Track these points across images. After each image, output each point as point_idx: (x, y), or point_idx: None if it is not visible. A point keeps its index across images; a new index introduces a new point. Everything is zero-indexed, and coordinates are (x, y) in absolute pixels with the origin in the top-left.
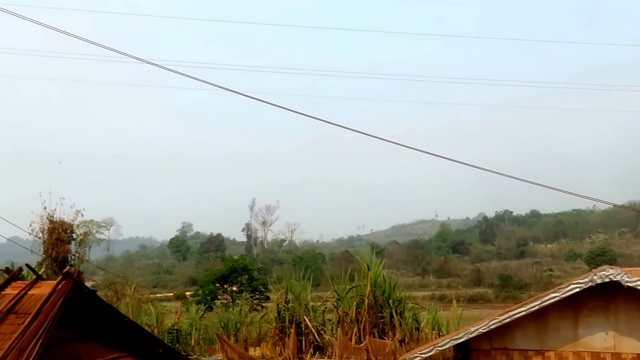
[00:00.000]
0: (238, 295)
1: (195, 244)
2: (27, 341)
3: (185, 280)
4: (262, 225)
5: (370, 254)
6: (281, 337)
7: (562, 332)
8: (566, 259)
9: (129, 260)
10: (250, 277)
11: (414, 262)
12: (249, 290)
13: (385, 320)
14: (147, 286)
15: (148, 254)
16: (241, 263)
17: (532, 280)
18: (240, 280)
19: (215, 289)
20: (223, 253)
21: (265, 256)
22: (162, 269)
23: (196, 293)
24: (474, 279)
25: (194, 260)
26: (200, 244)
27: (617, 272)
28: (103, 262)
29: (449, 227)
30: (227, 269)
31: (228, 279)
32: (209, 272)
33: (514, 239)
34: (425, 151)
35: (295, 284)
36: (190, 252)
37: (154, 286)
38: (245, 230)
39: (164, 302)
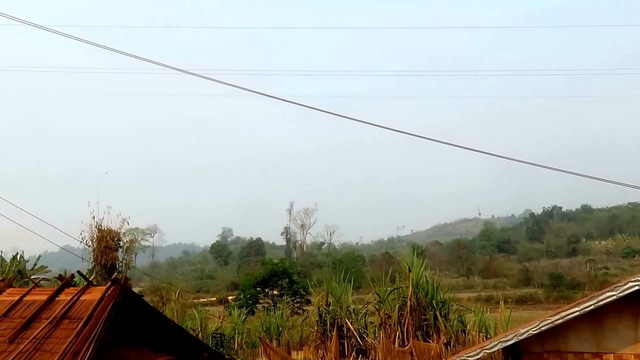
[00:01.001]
0: (279, 299)
1: (235, 248)
2: (81, 345)
3: (227, 285)
4: (301, 229)
5: (411, 255)
6: (323, 341)
7: (621, 333)
8: (623, 256)
9: (172, 266)
10: (291, 280)
11: (458, 262)
12: (290, 293)
13: (429, 323)
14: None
15: (191, 259)
16: (281, 267)
17: (586, 279)
18: (280, 284)
19: (256, 293)
20: (263, 257)
21: (304, 259)
22: (204, 274)
23: (238, 297)
24: (522, 279)
25: (235, 265)
26: (240, 249)
27: None
28: (148, 268)
29: (494, 225)
30: (268, 273)
31: (269, 282)
32: (250, 276)
33: (565, 235)
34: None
35: (335, 286)
36: (231, 257)
37: (197, 291)
38: (285, 234)
39: (207, 307)
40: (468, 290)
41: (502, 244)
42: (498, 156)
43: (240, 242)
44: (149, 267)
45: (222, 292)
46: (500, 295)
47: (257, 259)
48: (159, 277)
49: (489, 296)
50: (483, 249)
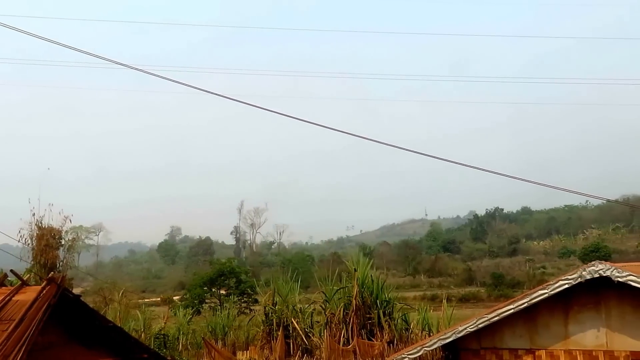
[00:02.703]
0: (226, 299)
1: (184, 248)
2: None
3: (175, 285)
4: (251, 228)
5: (358, 255)
6: (269, 340)
7: (553, 329)
8: (559, 256)
9: (118, 265)
10: (239, 280)
11: (405, 262)
12: (237, 293)
13: (374, 322)
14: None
15: (137, 258)
16: (229, 266)
17: (525, 278)
18: (228, 284)
19: (203, 293)
20: (212, 256)
21: (254, 259)
22: (151, 274)
23: (184, 297)
24: (465, 278)
25: (183, 265)
26: (189, 248)
27: (606, 267)
28: (92, 267)
29: (440, 226)
30: (215, 273)
31: (216, 282)
32: (197, 275)
33: (506, 236)
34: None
35: (282, 286)
36: (179, 256)
37: (143, 291)
38: (234, 233)
39: (152, 307)
40: (414, 289)
41: (448, 244)
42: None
43: (188, 241)
44: (93, 267)
45: (169, 292)
46: (444, 294)
47: (206, 258)
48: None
49: (434, 295)
50: (429, 249)
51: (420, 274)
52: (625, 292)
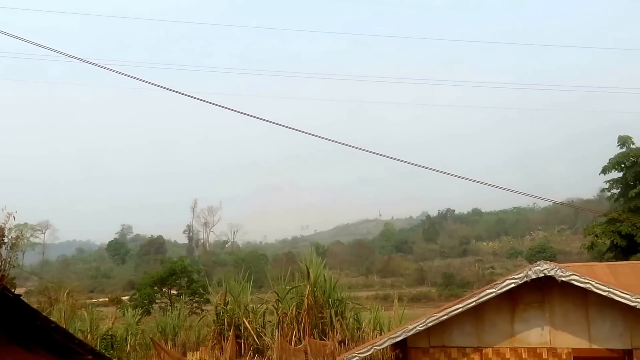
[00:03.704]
0: (177, 299)
1: (135, 246)
2: None
3: (124, 284)
4: (204, 227)
5: (312, 254)
6: (219, 341)
7: (500, 328)
8: (508, 257)
9: (65, 264)
10: (190, 279)
11: (358, 262)
12: (189, 293)
13: (326, 321)
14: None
15: (85, 257)
16: (180, 265)
17: (475, 278)
18: (179, 283)
19: (153, 293)
20: (163, 255)
21: (207, 258)
22: (99, 273)
23: (133, 297)
24: (417, 278)
25: (133, 264)
26: (140, 247)
27: (551, 267)
28: (38, 267)
29: (393, 226)
30: (166, 272)
31: (167, 282)
32: (148, 275)
33: (457, 237)
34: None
35: (235, 285)
36: (129, 255)
37: (91, 291)
38: (187, 232)
39: (100, 308)
40: (367, 289)
41: (400, 244)
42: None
43: (140, 240)
44: (38, 266)
45: (118, 292)
46: (396, 294)
47: (157, 257)
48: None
49: (386, 294)
50: (382, 249)
51: (373, 274)
52: (568, 291)
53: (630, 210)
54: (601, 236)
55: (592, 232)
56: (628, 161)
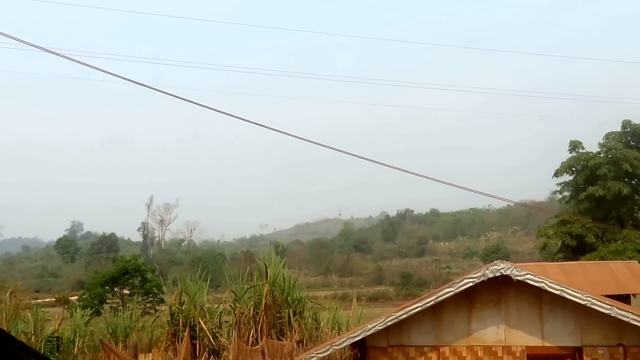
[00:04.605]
0: (129, 299)
1: (85, 244)
2: None
3: (73, 284)
4: (160, 225)
5: (270, 253)
6: (174, 342)
7: (457, 326)
8: (463, 257)
9: (9, 262)
10: (144, 278)
11: (317, 261)
12: (142, 292)
13: (284, 321)
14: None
15: (32, 255)
16: (134, 264)
17: (432, 277)
18: (132, 283)
19: (104, 292)
20: (116, 254)
21: (162, 257)
22: (46, 272)
23: (82, 297)
24: (375, 278)
25: (83, 262)
26: (91, 245)
27: (507, 267)
28: None
29: (352, 225)
30: (118, 271)
31: (119, 281)
32: (98, 274)
33: (415, 237)
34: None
35: (190, 284)
36: (79, 254)
37: (37, 291)
38: (142, 230)
39: (47, 308)
40: (325, 288)
41: (359, 243)
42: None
43: (91, 238)
44: None
45: (66, 291)
46: (354, 293)
47: (109, 255)
48: None
49: (345, 294)
50: (341, 249)
51: (332, 273)
52: (523, 291)
53: (580, 212)
54: (553, 237)
55: (545, 234)
56: (578, 165)
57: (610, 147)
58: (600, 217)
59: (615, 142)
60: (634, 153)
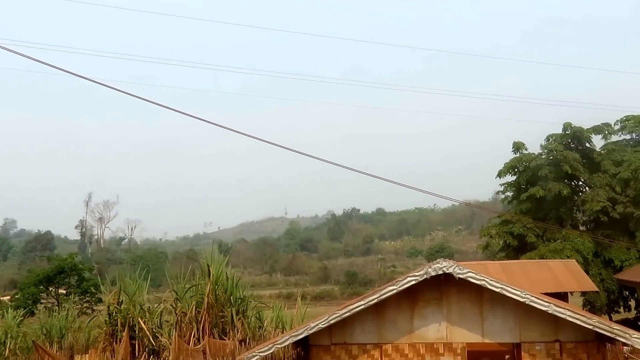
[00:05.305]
0: (65, 299)
1: (19, 242)
2: None
3: (5, 284)
4: (99, 222)
5: (213, 252)
6: (112, 342)
7: (400, 324)
8: (408, 256)
9: None
10: (81, 277)
11: (262, 260)
12: (79, 292)
13: (227, 320)
14: None
15: None
16: (70, 262)
17: (377, 276)
18: (69, 282)
19: (38, 292)
20: (51, 252)
21: (101, 255)
22: None
23: (15, 297)
24: (321, 277)
25: (16, 261)
26: (25, 243)
27: (449, 265)
28: None
29: (298, 224)
30: (54, 270)
31: (54, 280)
32: (32, 273)
33: (361, 236)
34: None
35: (129, 283)
36: (12, 252)
37: None
38: (79, 228)
39: None
40: (270, 287)
41: (305, 242)
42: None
43: (25, 235)
44: None
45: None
46: (299, 292)
47: (44, 254)
48: None
49: (290, 293)
50: (287, 247)
51: (277, 272)
52: (464, 289)
53: (522, 212)
54: (495, 236)
55: (487, 233)
56: (521, 166)
57: (551, 149)
58: (541, 217)
59: (556, 144)
60: (574, 155)
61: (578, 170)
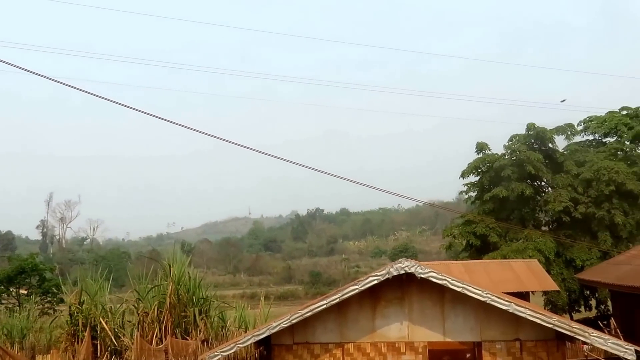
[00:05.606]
0: (26, 299)
1: None
2: None
3: None
4: (60, 222)
5: (176, 252)
6: (73, 343)
7: (361, 323)
8: (372, 256)
9: None
10: (42, 278)
11: (226, 260)
12: (40, 292)
13: (189, 320)
14: None
15: None
16: (31, 262)
17: (341, 276)
18: (29, 282)
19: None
20: (12, 252)
21: (62, 256)
22: None
23: None
24: (285, 277)
25: None
26: None
27: (411, 265)
28: None
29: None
30: (14, 270)
31: (14, 280)
32: None
33: (325, 236)
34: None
35: (91, 283)
36: None
37: None
38: (41, 228)
39: None
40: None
41: (269, 242)
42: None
43: None
44: None
45: None
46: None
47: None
48: None
49: (254, 293)
50: (251, 248)
51: (241, 273)
52: (426, 288)
53: (485, 212)
54: (458, 237)
55: (450, 233)
56: (484, 166)
57: (515, 150)
58: (504, 217)
59: (520, 144)
60: (537, 155)
61: (541, 170)
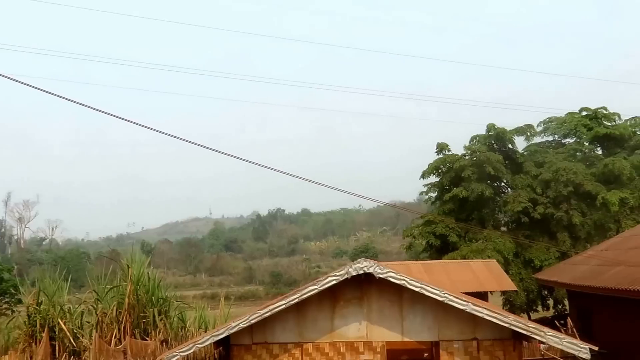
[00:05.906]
0: None
1: None
2: None
3: None
4: (19, 222)
5: (135, 252)
6: (31, 343)
7: (320, 323)
8: (333, 256)
9: None
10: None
11: (187, 260)
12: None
13: (148, 321)
14: None
15: None
16: None
17: (301, 276)
18: None
19: None
20: None
21: (21, 256)
22: None
23: None
24: (246, 277)
25: None
26: None
27: (370, 265)
28: None
29: (223, 225)
30: None
31: None
32: None
33: (286, 236)
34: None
35: (49, 284)
36: None
37: None
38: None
39: None
40: (194, 288)
41: (230, 243)
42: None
43: None
44: None
45: None
46: (223, 293)
47: None
48: None
49: (214, 293)
50: (211, 248)
51: (202, 273)
52: (385, 288)
53: (445, 212)
54: (418, 237)
55: (410, 234)
56: (444, 167)
57: (475, 150)
58: (463, 217)
59: (480, 145)
60: (497, 156)
61: (500, 171)
